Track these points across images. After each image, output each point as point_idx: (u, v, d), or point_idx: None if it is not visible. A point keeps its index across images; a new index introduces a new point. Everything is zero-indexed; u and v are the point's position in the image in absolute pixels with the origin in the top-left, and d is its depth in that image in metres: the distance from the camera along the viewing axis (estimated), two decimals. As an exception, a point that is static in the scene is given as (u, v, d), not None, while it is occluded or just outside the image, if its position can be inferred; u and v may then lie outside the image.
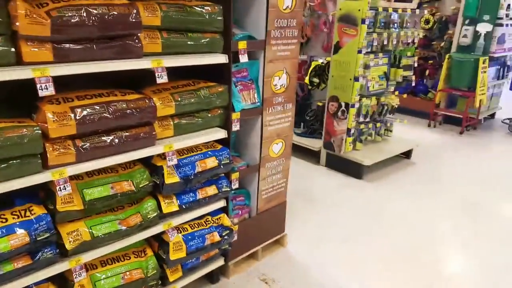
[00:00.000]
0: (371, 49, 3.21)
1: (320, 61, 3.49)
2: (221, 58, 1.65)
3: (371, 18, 3.06)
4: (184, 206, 1.62)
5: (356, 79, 3.12)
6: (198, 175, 1.62)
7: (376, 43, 3.19)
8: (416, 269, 2.18)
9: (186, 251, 1.62)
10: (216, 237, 1.73)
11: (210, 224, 1.75)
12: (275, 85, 1.94)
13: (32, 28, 1.14)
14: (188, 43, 1.56)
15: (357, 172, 3.34)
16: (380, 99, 3.52)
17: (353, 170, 3.35)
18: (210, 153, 1.70)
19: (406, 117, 4.91)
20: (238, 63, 1.79)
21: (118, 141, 1.39)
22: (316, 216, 2.69)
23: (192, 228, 1.70)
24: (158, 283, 1.62)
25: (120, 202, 1.47)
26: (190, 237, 1.66)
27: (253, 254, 2.13)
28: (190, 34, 1.57)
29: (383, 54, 3.36)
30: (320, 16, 3.64)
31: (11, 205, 1.27)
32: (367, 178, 3.35)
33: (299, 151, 3.69)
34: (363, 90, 3.29)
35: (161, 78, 1.46)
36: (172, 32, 1.52)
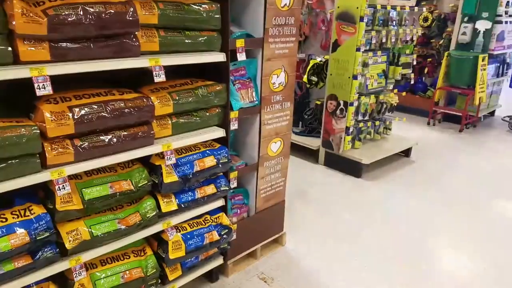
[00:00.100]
0: (370, 47, 3.21)
1: (318, 60, 3.49)
2: (219, 57, 1.64)
3: (369, 15, 3.06)
4: (183, 205, 1.63)
5: (354, 77, 3.12)
6: (196, 174, 1.62)
7: (374, 41, 3.19)
8: (416, 267, 2.19)
9: (185, 250, 1.63)
10: (215, 236, 1.73)
11: (209, 223, 1.76)
12: (274, 84, 1.93)
13: (28, 27, 1.14)
14: (186, 41, 1.55)
15: (356, 171, 3.34)
16: (379, 97, 3.52)
17: (352, 168, 3.35)
18: (209, 152, 1.70)
19: (405, 115, 4.92)
20: (236, 62, 1.78)
21: (117, 141, 1.39)
22: (314, 215, 2.70)
23: (191, 227, 1.70)
24: (157, 282, 1.62)
25: (119, 202, 1.47)
26: (189, 236, 1.66)
27: (252, 253, 2.13)
28: (187, 33, 1.57)
29: (382, 52, 3.36)
30: (318, 14, 3.63)
31: (10, 205, 1.27)
32: (366, 177, 3.35)
33: (297, 150, 3.68)
34: (361, 88, 3.29)
35: (159, 77, 1.45)
36: (169, 31, 1.51)
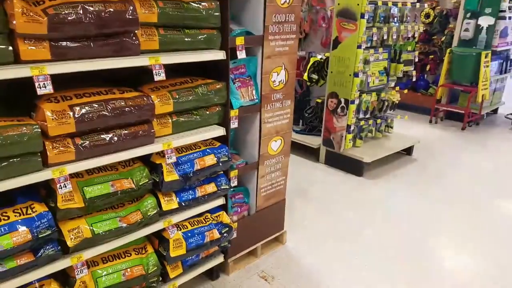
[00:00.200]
0: (371, 44, 3.19)
1: (319, 57, 3.47)
2: (219, 55, 1.64)
3: (370, 12, 3.04)
4: (183, 204, 1.63)
5: (355, 74, 3.11)
6: (197, 172, 1.63)
7: (375, 38, 3.17)
8: (417, 266, 2.18)
9: (186, 248, 1.63)
10: (215, 234, 1.74)
11: (209, 222, 1.76)
12: (274, 81, 1.93)
13: (29, 26, 1.14)
14: (185, 39, 1.55)
15: (357, 169, 3.33)
16: (381, 95, 3.50)
17: (353, 167, 3.34)
18: (209, 150, 1.70)
19: (407, 113, 4.89)
20: (236, 60, 1.78)
21: (117, 139, 1.40)
22: (315, 214, 2.69)
23: (192, 225, 1.71)
24: (158, 279, 1.63)
25: (121, 200, 1.48)
26: (189, 234, 1.67)
27: (252, 252, 2.13)
28: (187, 31, 1.57)
29: (383, 49, 3.34)
30: (318, 11, 3.62)
31: (13, 203, 1.28)
32: (368, 175, 3.34)
33: (298, 149, 3.68)
34: (363, 86, 3.27)
35: (159, 76, 1.46)
36: (169, 29, 1.51)
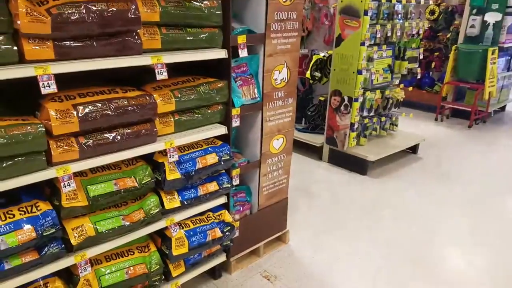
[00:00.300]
0: (375, 41, 3.16)
1: (322, 55, 3.45)
2: (221, 53, 1.64)
3: (373, 9, 3.01)
4: (185, 202, 1.64)
5: (359, 72, 3.08)
6: (199, 171, 1.63)
7: (379, 35, 3.14)
8: (422, 265, 2.16)
9: (188, 246, 1.64)
10: (217, 233, 1.74)
11: (211, 220, 1.77)
12: (276, 80, 1.93)
13: (33, 26, 1.15)
14: (187, 38, 1.56)
15: (361, 168, 3.31)
16: (385, 93, 3.47)
17: (357, 166, 3.32)
18: (211, 149, 1.70)
19: (412, 110, 4.84)
20: (237, 58, 1.78)
21: (120, 138, 1.41)
22: (318, 213, 2.68)
23: (194, 224, 1.71)
24: (161, 278, 1.64)
25: (124, 198, 1.49)
26: (192, 233, 1.67)
27: (255, 251, 2.13)
28: (189, 30, 1.57)
29: (387, 46, 3.31)
30: (321, 8, 3.60)
31: (18, 202, 1.30)
32: (372, 174, 3.31)
33: (300, 147, 3.66)
34: (367, 84, 3.24)
35: (161, 75, 1.46)
36: (171, 28, 1.51)
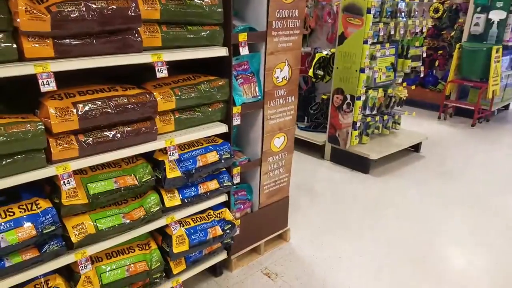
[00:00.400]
0: (378, 40, 3.13)
1: (325, 53, 3.43)
2: (221, 51, 1.63)
3: (377, 7, 2.98)
4: (186, 200, 1.64)
5: (362, 70, 3.06)
6: (199, 169, 1.63)
7: (382, 33, 3.12)
8: (423, 265, 2.15)
9: (189, 244, 1.64)
10: (218, 231, 1.74)
11: (212, 218, 1.76)
12: (277, 78, 1.91)
13: (32, 24, 1.15)
14: (188, 36, 1.55)
15: (363, 167, 3.29)
16: (388, 91, 3.44)
17: (359, 164, 3.31)
18: (211, 147, 1.70)
19: (415, 109, 4.81)
20: (238, 56, 1.77)
21: (120, 136, 1.41)
22: (320, 211, 2.68)
23: (195, 222, 1.71)
24: (162, 275, 1.64)
25: (124, 196, 1.49)
26: (192, 230, 1.67)
27: (256, 249, 2.13)
28: (189, 27, 1.56)
29: (390, 44, 3.28)
30: (324, 6, 3.57)
31: (18, 199, 1.30)
32: (374, 173, 3.30)
33: (303, 146, 3.65)
34: (369, 82, 3.22)
35: (161, 73, 1.45)
36: (171, 26, 1.50)
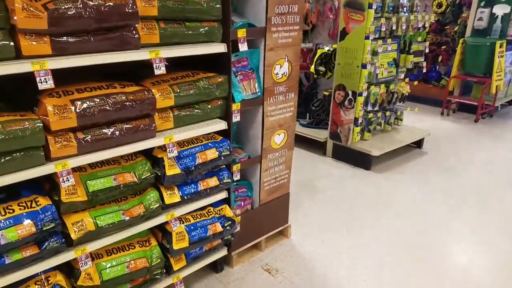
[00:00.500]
0: (379, 35, 3.10)
1: (326, 49, 3.40)
2: (220, 47, 1.62)
3: (378, 2, 2.95)
4: (186, 197, 1.64)
5: (363, 66, 3.03)
6: (198, 166, 1.63)
7: (384, 29, 3.08)
8: (425, 261, 2.14)
9: (189, 241, 1.64)
10: (218, 227, 1.74)
11: (212, 215, 1.77)
12: (277, 74, 1.90)
13: (29, 22, 1.15)
14: (186, 32, 1.53)
15: (365, 163, 3.28)
16: (390, 87, 3.41)
17: (361, 160, 3.29)
18: (211, 144, 1.69)
19: (418, 105, 4.76)
20: (238, 52, 1.76)
21: (119, 133, 1.41)
22: (321, 208, 2.67)
23: (195, 218, 1.71)
24: (162, 271, 1.65)
25: (123, 193, 1.50)
26: (192, 227, 1.68)
27: (256, 245, 2.14)
28: (188, 24, 1.55)
29: (392, 39, 3.25)
30: (325, 2, 3.54)
31: (17, 197, 1.31)
32: (376, 169, 3.28)
33: (304, 142, 3.64)
34: (371, 78, 3.19)
35: (159, 69, 1.45)
36: (169, 22, 1.50)
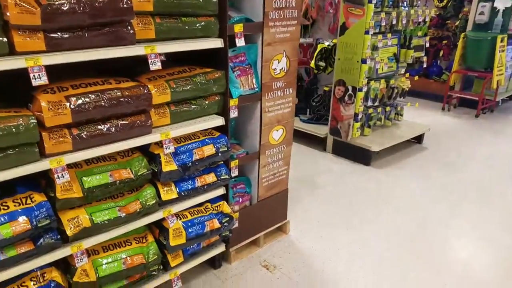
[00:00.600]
0: (379, 30, 3.07)
1: (326, 44, 3.37)
2: (216, 43, 1.60)
3: (378, -4, 2.91)
4: (183, 194, 1.63)
5: (363, 61, 3.01)
6: (195, 163, 1.62)
7: (384, 23, 3.05)
8: (425, 258, 2.13)
9: (186, 237, 1.64)
10: (215, 224, 1.74)
11: (209, 211, 1.76)
12: (275, 69, 1.88)
13: (22, 18, 1.13)
14: (182, 28, 1.52)
15: (365, 159, 3.27)
16: (390, 82, 3.38)
17: (361, 156, 3.28)
18: (208, 140, 1.68)
19: (419, 100, 4.74)
20: (235, 48, 1.74)
21: (114, 130, 1.40)
22: (320, 203, 2.66)
23: (192, 215, 1.71)
24: (159, 268, 1.65)
25: (120, 190, 1.49)
26: (189, 224, 1.67)
27: (255, 241, 2.14)
28: (184, 19, 1.53)
29: (392, 34, 3.21)
30: (325, -4, 3.50)
31: (13, 193, 1.30)
32: (375, 165, 3.27)
33: (304, 138, 3.63)
34: (371, 73, 3.17)
35: (155, 65, 1.43)
36: (165, 17, 1.48)
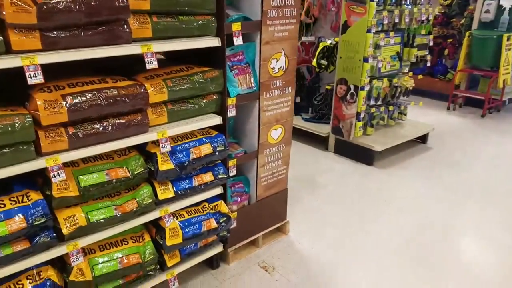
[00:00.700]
0: (382, 28, 3.03)
1: (328, 42, 3.34)
2: (214, 41, 1.59)
3: (381, -6, 2.88)
4: (180, 193, 1.62)
5: (365, 60, 2.97)
6: (193, 162, 1.61)
7: (387, 22, 3.01)
8: (425, 259, 2.10)
9: (182, 237, 1.63)
10: (213, 223, 1.73)
11: (207, 211, 1.75)
12: (273, 68, 1.86)
13: (18, 16, 1.14)
14: (180, 26, 1.51)
15: (368, 158, 3.23)
16: (393, 81, 3.34)
17: (363, 156, 3.24)
18: (205, 139, 1.67)
19: (423, 99, 4.66)
20: (233, 46, 1.73)
21: (111, 128, 1.39)
22: (321, 203, 2.64)
23: (189, 214, 1.70)
24: (156, 268, 1.64)
25: (116, 189, 1.49)
26: (186, 223, 1.66)
27: (253, 241, 2.12)
28: (181, 17, 1.52)
29: (395, 33, 3.17)
30: (327, -6, 3.47)
31: (10, 191, 1.31)
32: (378, 165, 3.23)
33: (306, 137, 3.61)
34: (374, 72, 3.13)
35: (151, 64, 1.43)
36: (162, 16, 1.47)
